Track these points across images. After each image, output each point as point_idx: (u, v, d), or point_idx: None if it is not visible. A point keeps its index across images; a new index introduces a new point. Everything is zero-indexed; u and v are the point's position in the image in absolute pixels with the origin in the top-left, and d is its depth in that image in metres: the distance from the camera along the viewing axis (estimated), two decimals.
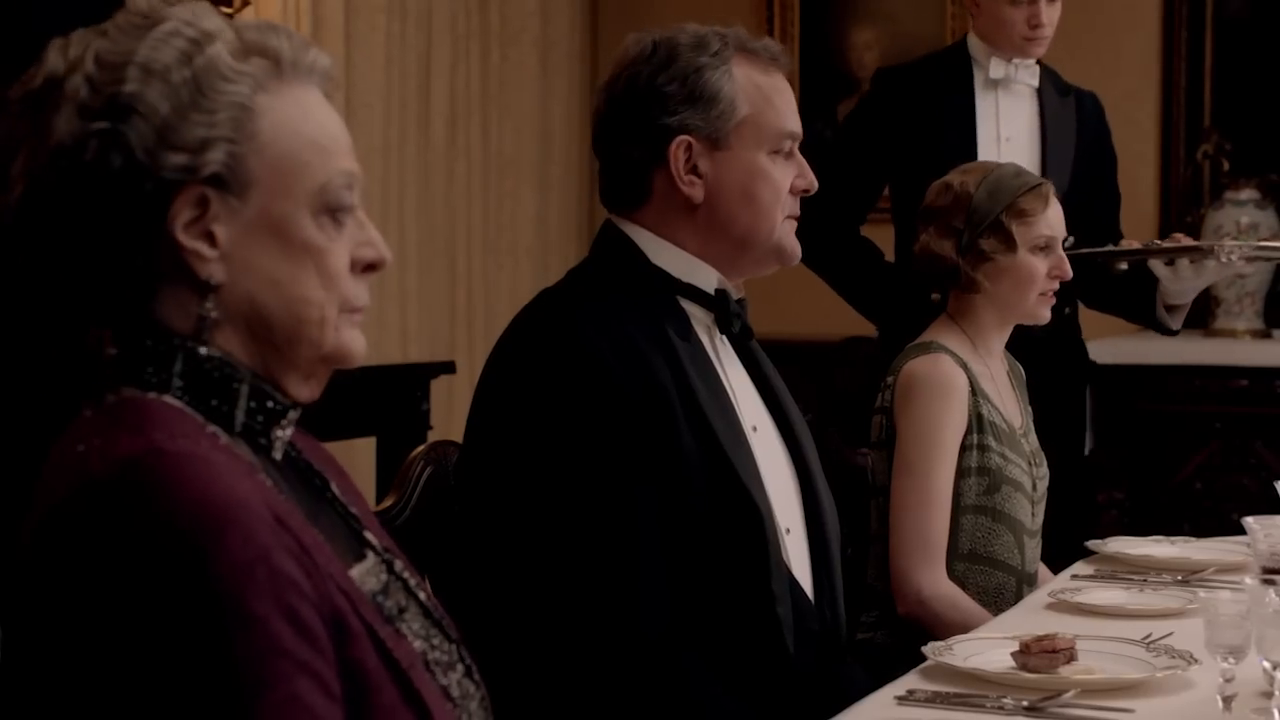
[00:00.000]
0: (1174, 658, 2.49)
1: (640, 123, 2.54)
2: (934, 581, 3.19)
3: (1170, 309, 4.19)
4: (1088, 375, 4.64)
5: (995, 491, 3.29)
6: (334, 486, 1.82)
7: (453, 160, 6.23)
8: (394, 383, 5.17)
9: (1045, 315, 3.42)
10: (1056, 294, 3.45)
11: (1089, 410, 4.99)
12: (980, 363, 3.39)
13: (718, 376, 2.52)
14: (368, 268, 1.72)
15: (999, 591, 3.28)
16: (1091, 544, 3.47)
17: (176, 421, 1.59)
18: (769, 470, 2.53)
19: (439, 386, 5.44)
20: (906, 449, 3.28)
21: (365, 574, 1.74)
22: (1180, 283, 4.05)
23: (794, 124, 2.56)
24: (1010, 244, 3.37)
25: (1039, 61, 4.31)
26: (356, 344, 1.73)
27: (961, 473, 3.27)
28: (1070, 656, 2.46)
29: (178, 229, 1.61)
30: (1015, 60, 4.24)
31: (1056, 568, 3.42)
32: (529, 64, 6.59)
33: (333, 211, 1.67)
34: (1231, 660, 2.23)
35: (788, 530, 2.53)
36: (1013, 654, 2.47)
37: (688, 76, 2.53)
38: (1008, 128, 4.26)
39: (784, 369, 3.23)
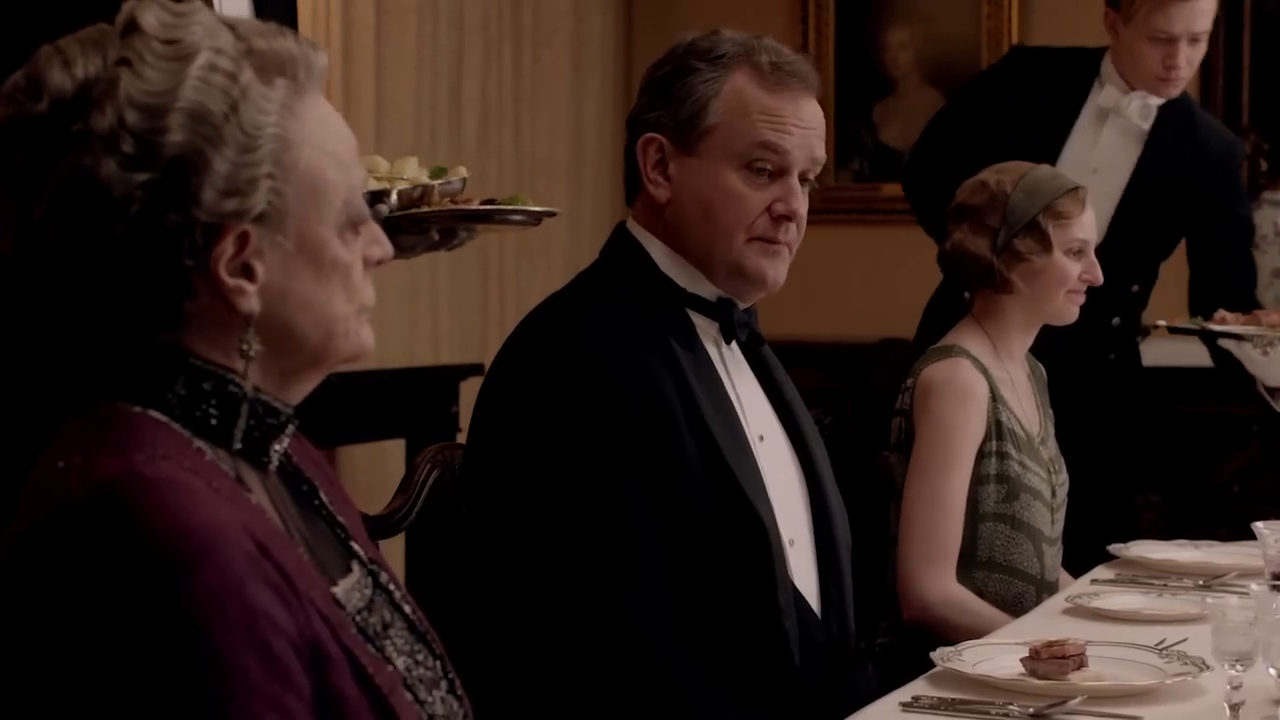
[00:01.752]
0: (1186, 664, 2.46)
1: (634, 115, 2.57)
2: (941, 587, 3.15)
3: (1271, 391, 3.97)
4: (1141, 382, 4.57)
5: (1014, 499, 3.26)
6: (322, 494, 1.80)
7: (484, 161, 6.22)
8: (424, 384, 5.17)
9: (1074, 314, 3.39)
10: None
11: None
12: (1001, 367, 3.36)
13: (722, 386, 2.49)
14: (376, 264, 1.71)
15: (1018, 600, 3.24)
16: (1113, 548, 3.44)
17: (160, 440, 1.56)
18: (776, 480, 2.50)
19: (469, 388, 5.43)
20: (921, 453, 3.25)
21: (351, 589, 1.71)
22: (1271, 367, 3.87)
23: (773, 137, 2.47)
24: (1046, 246, 3.34)
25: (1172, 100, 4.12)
26: (369, 340, 1.72)
27: (980, 480, 3.24)
28: (1080, 663, 2.43)
29: (220, 267, 1.58)
30: (1139, 95, 4.07)
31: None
32: (562, 65, 6.58)
33: (355, 224, 1.66)
34: (1239, 667, 2.19)
35: (791, 542, 2.50)
36: (1022, 660, 2.45)
37: (676, 75, 2.52)
38: (1101, 160, 4.14)
39: (818, 371, 3.22)
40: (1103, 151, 4.11)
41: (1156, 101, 4.10)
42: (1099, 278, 3.38)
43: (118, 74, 1.55)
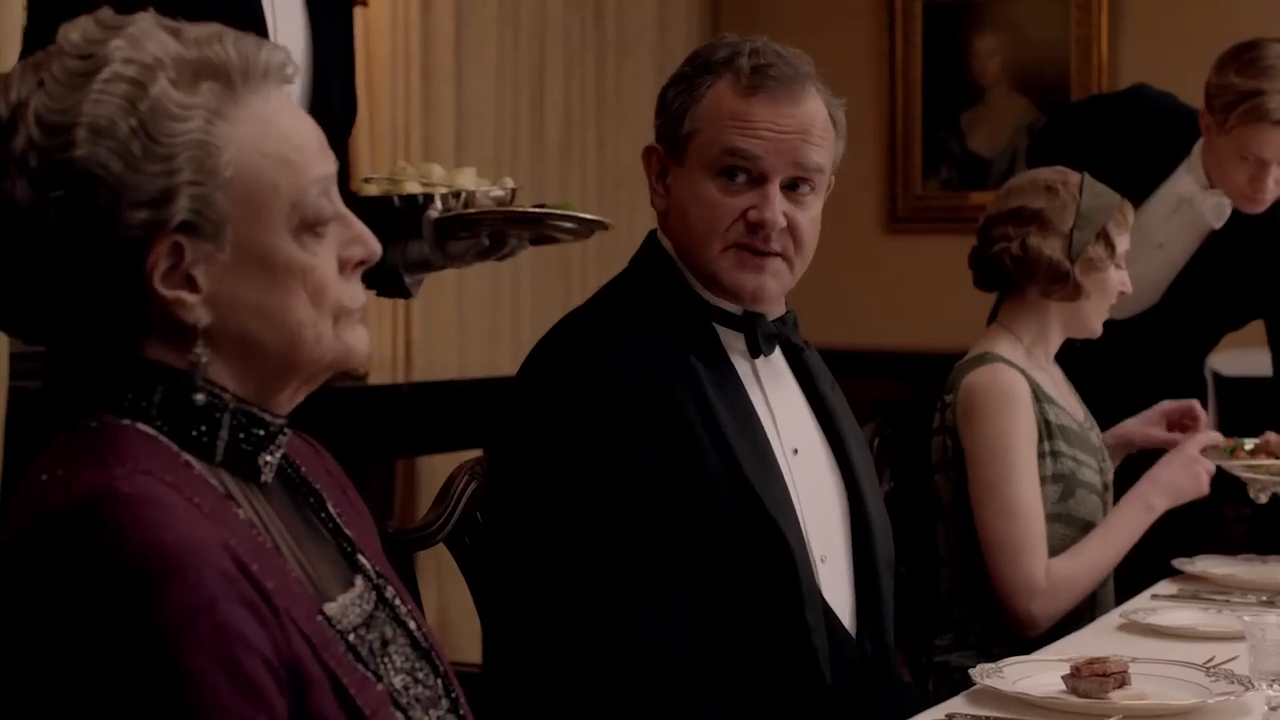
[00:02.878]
0: (1232, 683, 2.40)
1: None
2: (1042, 601, 3.14)
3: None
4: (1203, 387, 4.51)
5: (1070, 497, 3.25)
6: (330, 506, 1.79)
7: (566, 171, 6.21)
8: (504, 395, 5.16)
9: (1101, 328, 3.37)
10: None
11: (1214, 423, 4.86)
12: (1038, 368, 3.32)
13: (747, 400, 2.44)
14: (359, 264, 1.68)
15: (1072, 621, 3.19)
16: (1177, 562, 3.38)
17: (144, 454, 1.56)
18: (810, 494, 2.46)
19: None
20: (981, 468, 3.21)
21: (349, 605, 1.69)
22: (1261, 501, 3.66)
23: (740, 142, 2.41)
24: (1111, 253, 3.31)
25: None
26: (359, 343, 1.68)
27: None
28: (1122, 681, 2.38)
29: (156, 280, 1.56)
30: (1218, 194, 3.91)
31: None
32: (645, 74, 6.55)
33: (312, 225, 1.62)
34: (1278, 687, 2.14)
35: (824, 558, 2.45)
36: (1063, 677, 2.40)
37: (671, 84, 2.51)
38: (1166, 235, 4.02)
39: (907, 382, 3.19)
40: (1171, 230, 4.02)
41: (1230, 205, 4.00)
42: (1130, 287, 3.36)
43: (31, 94, 1.55)
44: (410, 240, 2.74)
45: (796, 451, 2.48)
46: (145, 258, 1.55)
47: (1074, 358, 3.53)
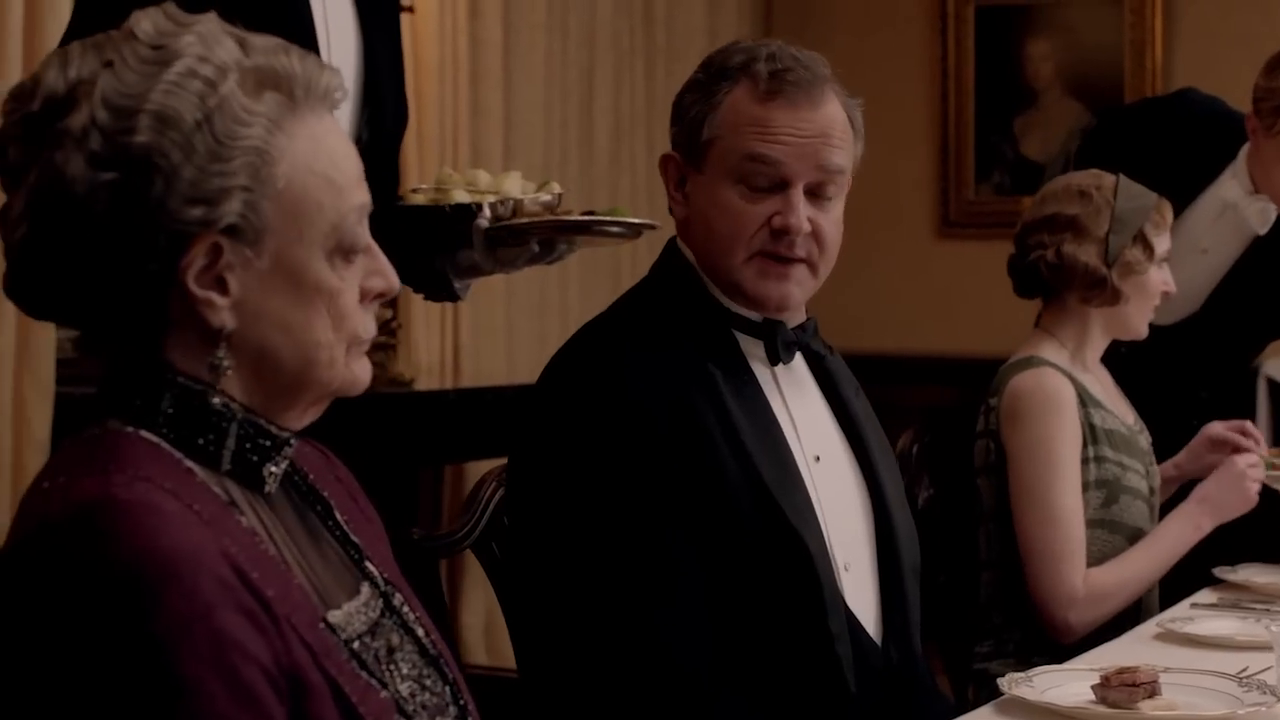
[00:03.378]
0: (1264, 693, 2.37)
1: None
2: (1079, 610, 3.12)
3: None
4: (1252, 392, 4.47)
5: (1114, 503, 3.23)
6: (338, 513, 1.79)
7: (616, 177, 6.21)
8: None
9: (1146, 329, 3.34)
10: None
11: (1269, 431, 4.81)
12: (1083, 372, 3.30)
13: (768, 408, 2.43)
14: (378, 296, 1.69)
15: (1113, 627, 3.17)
16: (1218, 571, 3.34)
17: (145, 461, 1.56)
18: (833, 501, 2.44)
19: None
20: (1024, 472, 3.19)
21: (354, 613, 1.69)
22: None
23: (762, 148, 2.39)
24: (1150, 255, 3.29)
25: None
26: (364, 374, 1.70)
27: (1080, 487, 3.18)
28: (1152, 690, 2.36)
29: (190, 278, 1.57)
30: (1263, 199, 3.88)
31: None
32: None
33: (346, 251, 1.64)
34: None
35: (847, 566, 2.43)
36: (1093, 687, 2.38)
37: (686, 91, 2.49)
38: (1210, 240, 4.00)
39: (958, 388, 3.17)
40: (1215, 235, 3.98)
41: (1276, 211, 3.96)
42: (1174, 286, 3.32)
43: (100, 74, 1.56)
44: (460, 248, 2.76)
45: (818, 458, 2.46)
46: (184, 253, 1.56)
47: (1121, 362, 3.51)
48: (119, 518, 1.47)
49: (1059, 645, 3.13)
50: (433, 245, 2.84)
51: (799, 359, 2.51)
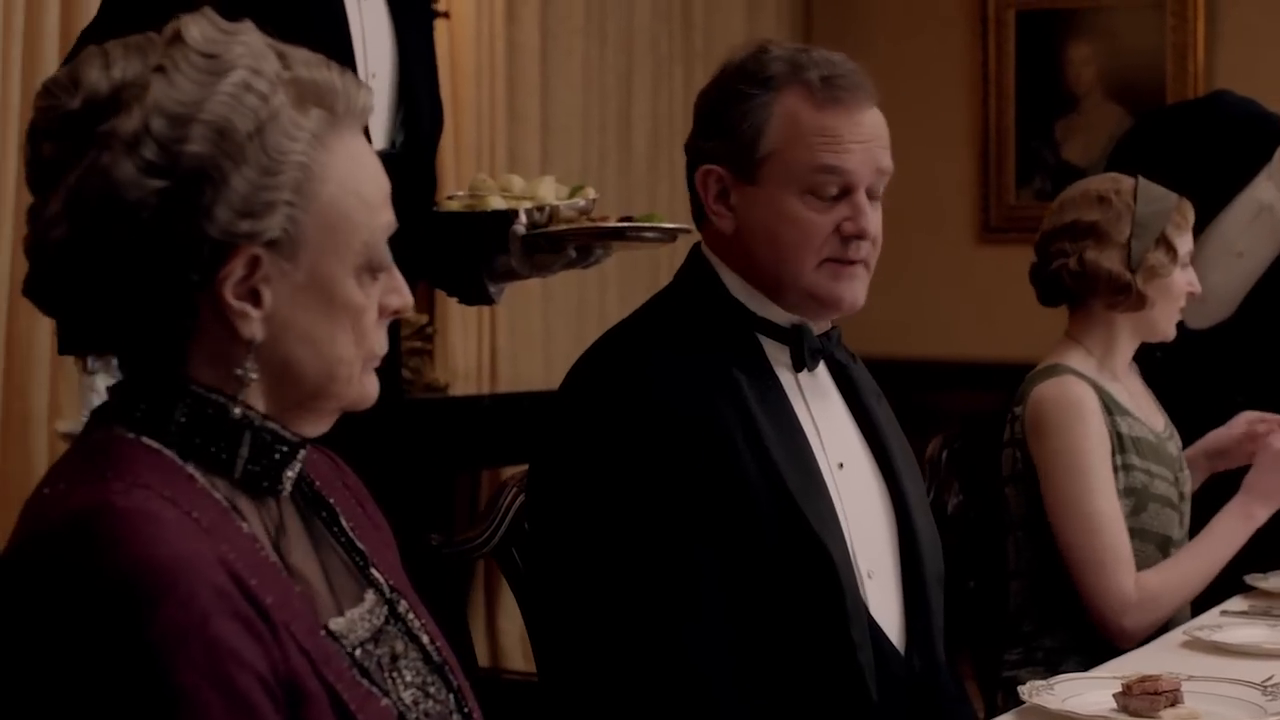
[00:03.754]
0: None
1: (690, 143, 2.50)
2: (1135, 615, 3.10)
3: None
4: None
5: (1142, 511, 3.21)
6: (343, 520, 1.79)
7: (654, 183, 6.21)
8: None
9: (1174, 331, 3.32)
10: None
11: None
12: (1110, 380, 3.28)
13: (792, 414, 2.41)
14: (393, 313, 1.69)
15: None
16: (1250, 578, 3.31)
17: (144, 467, 1.56)
18: (856, 508, 2.42)
19: None
20: (1056, 484, 3.17)
21: (357, 620, 1.69)
22: None
23: (832, 159, 2.37)
24: (1173, 258, 3.26)
25: None
26: (373, 390, 1.70)
27: None
28: (1174, 699, 2.34)
29: (226, 289, 1.57)
30: None
31: None
32: None
33: (373, 269, 1.65)
34: None
35: (870, 574, 2.41)
36: (1114, 695, 2.37)
37: (726, 102, 2.44)
38: (1246, 243, 3.98)
39: (1001, 393, 3.16)
40: (1251, 238, 3.95)
41: None
42: (1199, 288, 3.30)
43: (151, 80, 1.55)
44: (496, 253, 2.77)
45: (842, 465, 2.44)
46: (225, 263, 1.56)
47: (1156, 367, 3.49)
48: (115, 526, 1.47)
49: (1090, 652, 3.10)
50: (469, 251, 2.85)
51: (821, 367, 2.49)
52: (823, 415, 2.47)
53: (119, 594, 1.44)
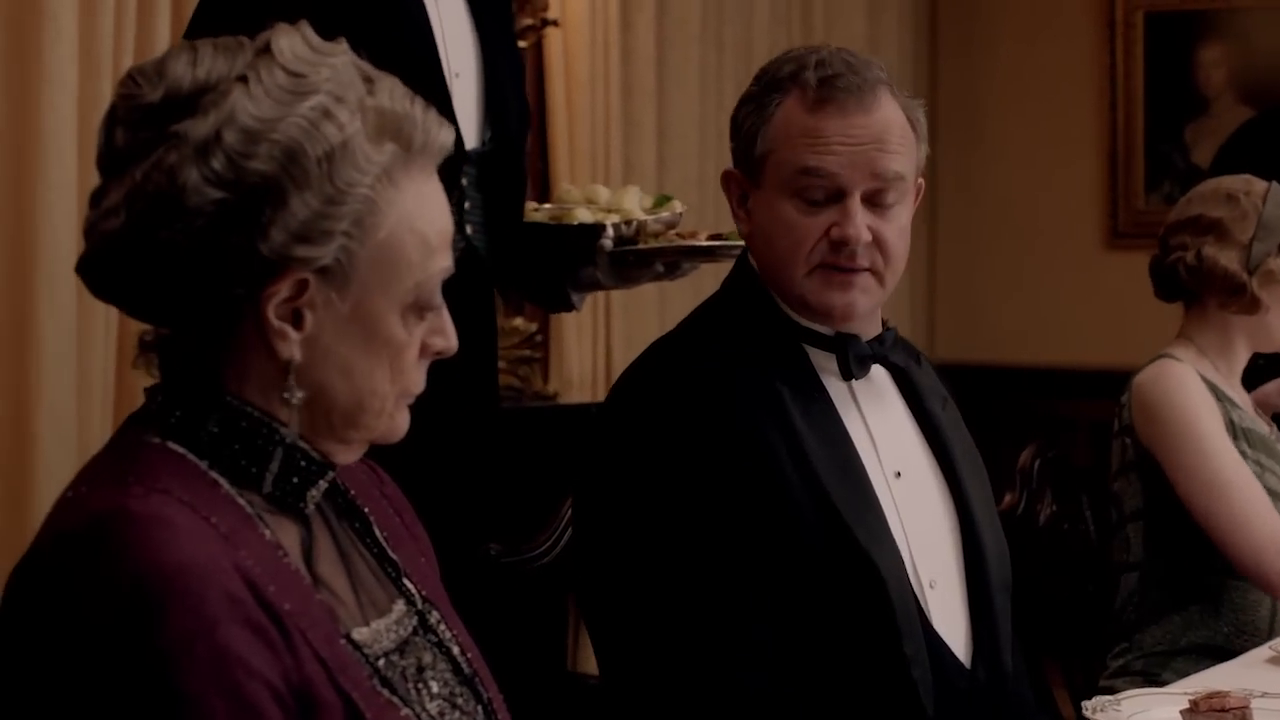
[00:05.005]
0: None
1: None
2: None
3: None
4: None
5: None
6: (377, 529, 1.78)
7: None
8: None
9: None
10: None
11: None
12: (1224, 379, 3.23)
13: (839, 425, 2.37)
14: (435, 354, 1.70)
15: (1255, 608, 3.16)
16: None
17: (166, 472, 1.57)
18: (915, 517, 2.39)
19: None
20: (1174, 456, 3.15)
21: (383, 630, 1.69)
22: None
23: (814, 161, 2.33)
24: None
25: None
26: (403, 425, 1.70)
27: None
28: (1242, 716, 2.29)
29: (270, 307, 1.58)
30: None
31: None
32: None
33: (421, 309, 1.65)
34: None
35: (932, 584, 2.37)
36: (1181, 711, 2.32)
37: (741, 104, 2.45)
38: None
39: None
40: None
41: None
42: None
43: (233, 88, 1.56)
44: (582, 265, 2.77)
45: (899, 474, 2.40)
46: (272, 282, 1.57)
47: (1258, 375, 3.43)
48: (129, 530, 1.49)
49: (1196, 654, 3.06)
50: (555, 262, 2.86)
51: (879, 372, 2.45)
52: (879, 422, 2.43)
53: (129, 598, 1.46)
